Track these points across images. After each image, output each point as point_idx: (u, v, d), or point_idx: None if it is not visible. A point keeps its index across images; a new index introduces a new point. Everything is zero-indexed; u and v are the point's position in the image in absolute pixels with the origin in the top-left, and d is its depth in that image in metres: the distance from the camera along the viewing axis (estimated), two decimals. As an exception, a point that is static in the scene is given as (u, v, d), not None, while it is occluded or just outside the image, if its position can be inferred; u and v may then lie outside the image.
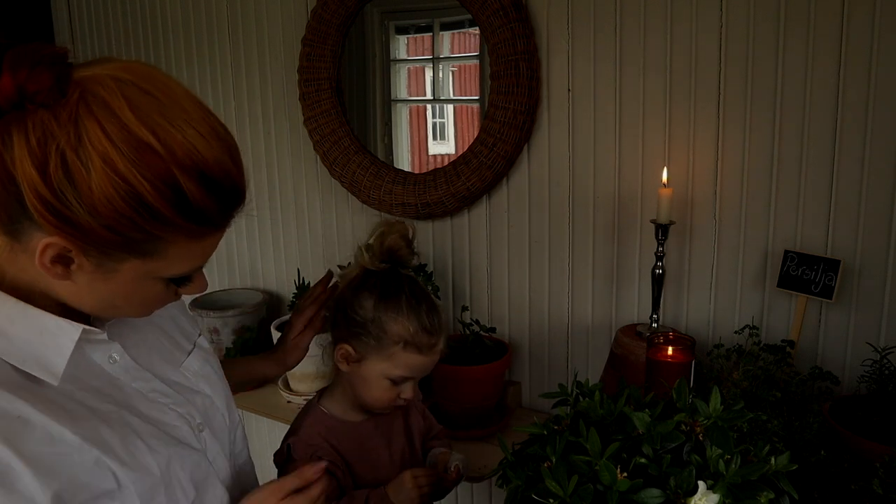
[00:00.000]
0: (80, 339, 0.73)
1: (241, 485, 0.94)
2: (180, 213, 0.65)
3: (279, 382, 1.87)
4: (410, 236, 1.14)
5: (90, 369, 0.77)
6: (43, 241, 0.64)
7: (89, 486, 0.70)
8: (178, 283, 0.75)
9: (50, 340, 0.71)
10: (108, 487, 0.71)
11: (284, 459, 1.14)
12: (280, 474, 1.14)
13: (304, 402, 1.80)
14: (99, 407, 0.75)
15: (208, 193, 0.66)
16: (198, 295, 1.54)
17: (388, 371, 1.11)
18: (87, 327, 0.74)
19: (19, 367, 0.69)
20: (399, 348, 1.09)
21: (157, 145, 0.62)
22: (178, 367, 0.88)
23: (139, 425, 0.77)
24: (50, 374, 0.70)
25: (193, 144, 0.64)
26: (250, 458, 1.02)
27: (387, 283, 1.12)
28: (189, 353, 0.91)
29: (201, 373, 0.91)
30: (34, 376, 0.70)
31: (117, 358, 0.79)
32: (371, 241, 1.12)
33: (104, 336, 0.77)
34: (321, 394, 1.23)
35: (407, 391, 1.13)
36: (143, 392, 0.81)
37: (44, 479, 0.65)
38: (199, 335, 0.96)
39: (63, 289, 0.70)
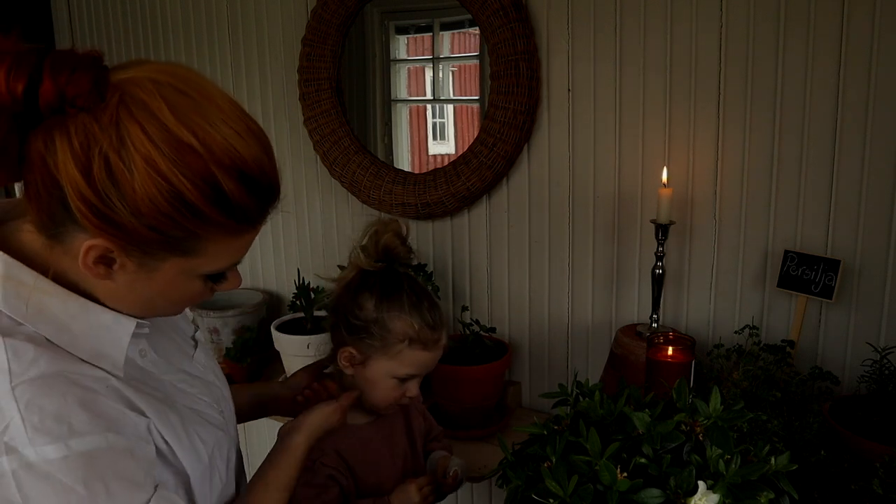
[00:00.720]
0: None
1: None
2: (220, 211, 0.66)
3: (279, 381, 1.86)
4: (405, 233, 1.13)
5: (128, 363, 0.78)
6: (86, 244, 0.66)
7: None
8: (214, 280, 0.76)
9: (107, 334, 0.73)
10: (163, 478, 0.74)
11: None
12: None
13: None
14: (153, 394, 0.77)
15: (247, 191, 0.67)
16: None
17: (394, 370, 1.10)
18: (140, 321, 0.76)
19: (89, 360, 0.71)
20: (405, 346, 1.09)
21: (197, 145, 0.63)
22: (191, 359, 0.90)
23: (187, 414, 0.80)
24: (116, 367, 0.72)
25: (231, 143, 0.65)
26: None
27: (386, 282, 1.11)
28: (193, 347, 0.93)
29: (208, 364, 0.93)
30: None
31: (145, 351, 0.81)
32: (365, 241, 1.12)
33: (148, 330, 0.79)
34: None
35: (412, 388, 1.13)
36: (174, 383, 0.83)
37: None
38: (196, 329, 0.98)
39: (103, 289, 0.72)
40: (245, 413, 1.10)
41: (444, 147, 1.84)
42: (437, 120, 1.86)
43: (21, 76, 0.59)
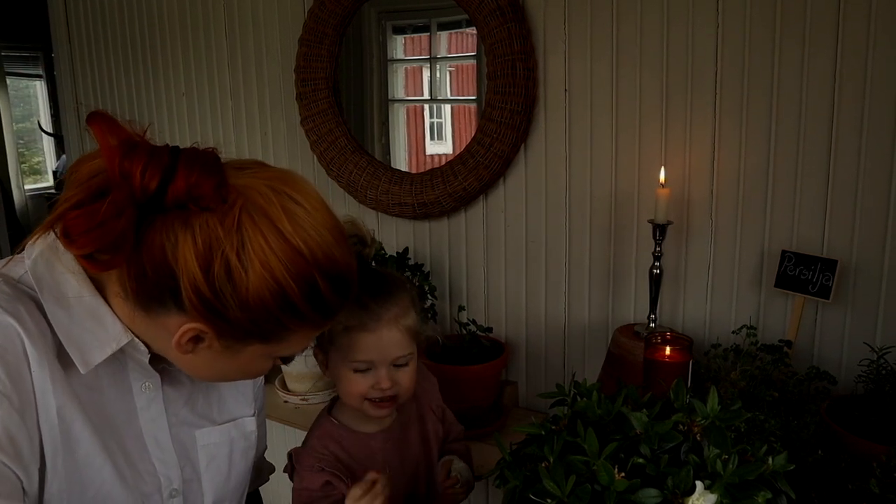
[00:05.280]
0: (127, 353, 0.76)
1: None
2: (313, 308, 0.71)
3: (276, 382, 1.86)
4: (360, 230, 1.10)
5: (122, 380, 0.79)
6: (185, 326, 0.70)
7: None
8: (285, 361, 0.81)
9: (101, 335, 0.74)
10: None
11: (292, 470, 1.13)
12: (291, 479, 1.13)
13: (300, 402, 1.80)
14: (93, 417, 0.76)
15: (335, 290, 0.72)
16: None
17: (348, 361, 1.06)
18: (136, 339, 0.76)
19: (63, 343, 0.72)
20: (345, 333, 1.05)
21: (307, 252, 0.69)
22: (194, 430, 0.87)
23: (118, 458, 0.78)
24: (83, 362, 0.73)
25: (331, 250, 0.72)
26: None
27: None
28: (217, 425, 0.90)
29: (211, 449, 0.89)
30: (68, 360, 0.73)
31: (150, 388, 0.81)
32: None
33: (146, 359, 0.78)
34: (333, 402, 1.19)
35: (382, 380, 1.06)
36: (143, 430, 0.81)
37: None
38: (253, 415, 0.95)
39: (182, 359, 0.76)
40: None
41: (441, 147, 1.84)
42: (435, 120, 1.86)
43: (156, 172, 0.64)
